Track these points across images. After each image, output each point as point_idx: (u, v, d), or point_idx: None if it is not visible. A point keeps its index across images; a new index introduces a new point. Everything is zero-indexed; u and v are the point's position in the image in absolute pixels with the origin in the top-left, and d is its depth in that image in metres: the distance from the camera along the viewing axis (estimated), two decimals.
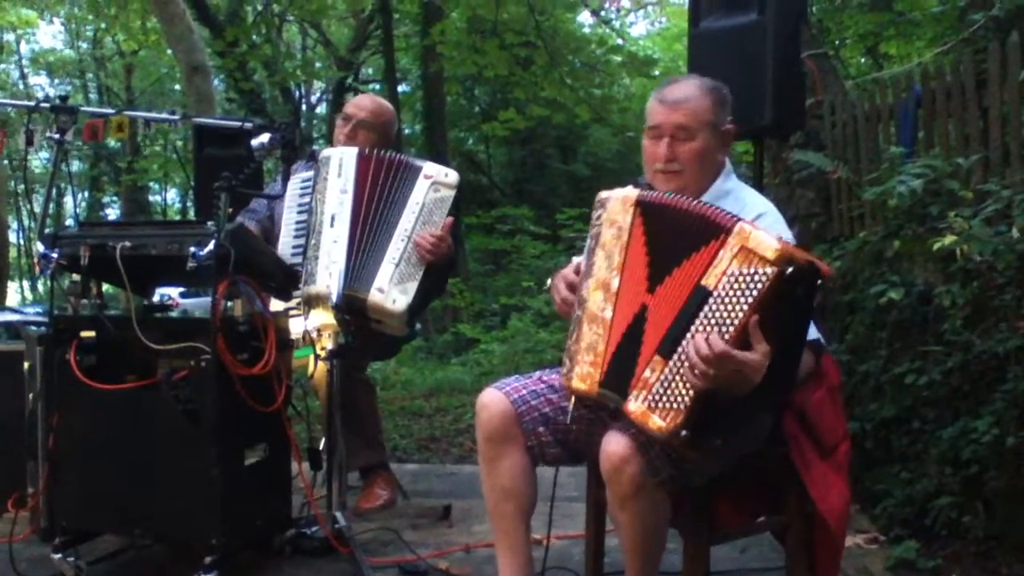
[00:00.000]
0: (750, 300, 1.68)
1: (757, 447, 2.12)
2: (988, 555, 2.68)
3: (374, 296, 2.70)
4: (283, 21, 14.83)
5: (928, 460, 2.98)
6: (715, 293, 1.73)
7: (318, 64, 16.77)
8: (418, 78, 14.79)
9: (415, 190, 2.77)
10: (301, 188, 3.09)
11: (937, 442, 2.94)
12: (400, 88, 14.62)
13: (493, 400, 2.16)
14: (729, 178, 2.18)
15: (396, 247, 2.73)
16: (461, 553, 2.89)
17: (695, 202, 1.88)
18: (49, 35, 21.53)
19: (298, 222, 3.03)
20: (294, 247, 3.02)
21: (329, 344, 2.80)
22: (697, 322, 1.74)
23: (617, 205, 1.96)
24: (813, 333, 1.96)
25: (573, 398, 2.05)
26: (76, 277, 2.65)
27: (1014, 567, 2.60)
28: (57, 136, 2.88)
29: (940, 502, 2.82)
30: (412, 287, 2.71)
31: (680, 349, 1.75)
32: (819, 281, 1.75)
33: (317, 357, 2.84)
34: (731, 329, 1.69)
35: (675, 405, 1.75)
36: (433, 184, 2.77)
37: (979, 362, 2.89)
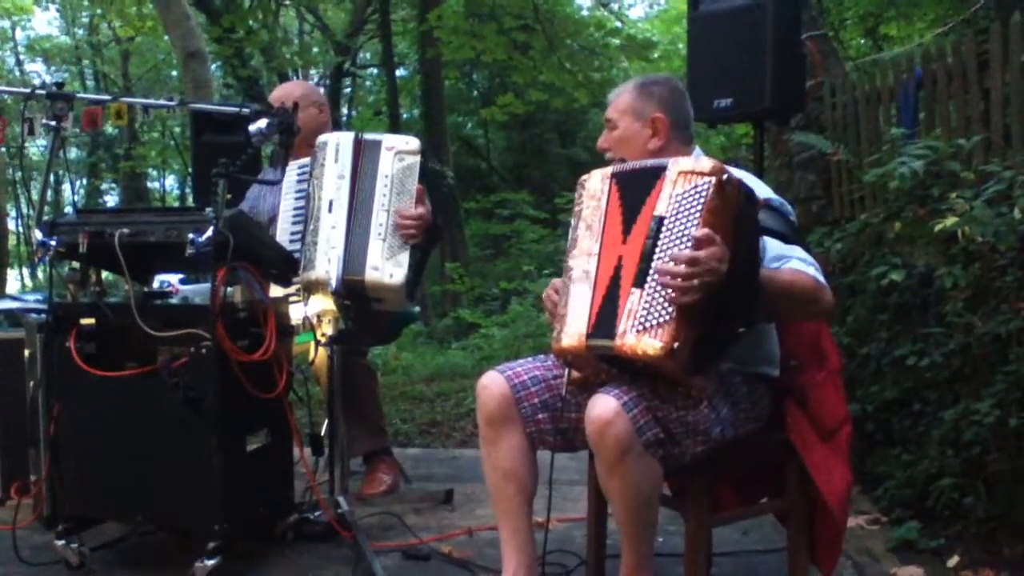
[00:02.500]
0: (700, 209, 1.85)
1: (756, 425, 2.13)
2: (989, 536, 2.69)
3: (370, 275, 2.69)
4: (280, 6, 14.75)
5: (929, 442, 2.98)
6: (668, 216, 1.89)
7: (315, 50, 16.70)
8: (416, 63, 14.74)
9: (381, 164, 2.77)
10: (298, 175, 3.08)
11: (938, 424, 2.95)
12: (398, 73, 14.57)
13: (492, 382, 2.18)
14: None
15: (378, 222, 2.73)
16: (463, 537, 2.89)
17: (646, 160, 2.08)
18: (44, 21, 21.43)
19: (296, 208, 3.03)
20: (292, 233, 3.02)
21: (329, 330, 2.80)
22: (660, 245, 1.87)
23: (596, 182, 2.08)
24: (818, 274, 2.02)
25: (567, 369, 2.08)
26: (75, 264, 2.65)
27: (1016, 547, 2.60)
28: (53, 123, 2.86)
29: (941, 483, 2.83)
30: (404, 258, 2.71)
31: (651, 274, 1.85)
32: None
33: (317, 343, 2.84)
34: (689, 240, 1.83)
35: (661, 320, 1.82)
36: (397, 154, 2.77)
37: (980, 344, 2.89)
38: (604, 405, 1.89)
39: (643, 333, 1.82)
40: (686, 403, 1.96)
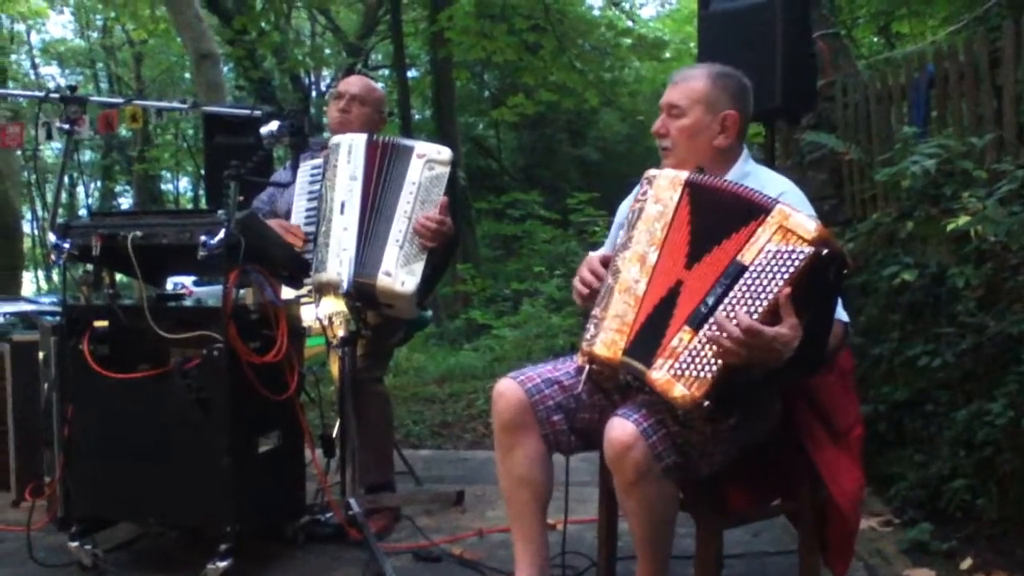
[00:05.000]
0: (785, 276, 1.71)
1: (764, 438, 2.11)
2: (1002, 537, 2.68)
3: (382, 280, 2.69)
4: (291, 8, 14.79)
5: (942, 442, 2.97)
6: (751, 268, 1.76)
7: (327, 51, 16.76)
8: (427, 64, 14.75)
9: (410, 170, 2.77)
10: (311, 175, 3.09)
11: (951, 424, 2.93)
12: (409, 74, 14.57)
13: (508, 389, 2.16)
14: (748, 162, 2.21)
15: (398, 229, 2.72)
16: (474, 538, 2.90)
17: (740, 186, 1.91)
18: (59, 25, 21.59)
19: (308, 209, 3.03)
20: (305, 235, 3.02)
21: (341, 331, 2.81)
22: (731, 294, 1.76)
23: (665, 183, 1.96)
24: (843, 315, 2.00)
25: (587, 367, 2.02)
26: (89, 267, 2.66)
27: None
28: (67, 127, 2.88)
29: (954, 484, 2.81)
30: (419, 267, 2.70)
31: (711, 321, 1.75)
32: (845, 270, 1.81)
33: (329, 345, 2.84)
34: (764, 303, 1.72)
35: (701, 375, 1.75)
36: (427, 162, 2.77)
37: (993, 344, 2.87)
38: (622, 429, 1.87)
39: (678, 379, 1.77)
40: (704, 429, 1.92)
